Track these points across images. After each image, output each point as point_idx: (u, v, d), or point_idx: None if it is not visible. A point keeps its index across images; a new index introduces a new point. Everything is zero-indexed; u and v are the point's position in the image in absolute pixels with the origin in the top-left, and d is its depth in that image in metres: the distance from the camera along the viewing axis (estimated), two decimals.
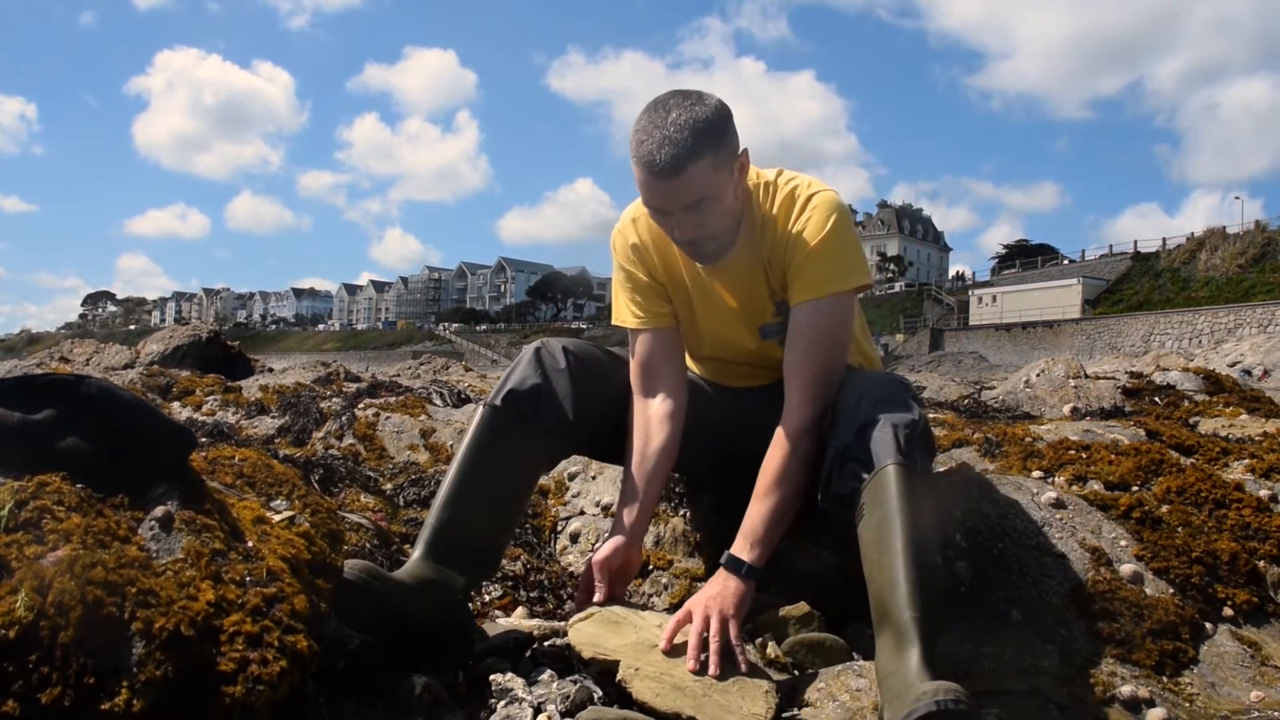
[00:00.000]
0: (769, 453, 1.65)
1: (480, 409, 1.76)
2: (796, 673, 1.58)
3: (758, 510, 1.61)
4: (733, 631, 1.48)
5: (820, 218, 1.68)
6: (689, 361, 1.99)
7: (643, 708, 1.37)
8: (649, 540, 2.10)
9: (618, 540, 1.71)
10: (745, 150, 1.64)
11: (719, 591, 1.53)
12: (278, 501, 1.52)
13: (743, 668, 1.45)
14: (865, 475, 1.49)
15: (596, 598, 1.63)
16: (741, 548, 1.58)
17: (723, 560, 1.58)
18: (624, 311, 1.87)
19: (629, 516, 1.74)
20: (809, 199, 1.70)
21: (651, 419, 1.79)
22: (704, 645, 1.46)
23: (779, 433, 1.65)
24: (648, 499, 1.76)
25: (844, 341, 1.72)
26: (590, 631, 1.52)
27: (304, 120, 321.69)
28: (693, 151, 1.53)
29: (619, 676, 1.41)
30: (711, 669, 1.42)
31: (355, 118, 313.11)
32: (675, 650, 1.47)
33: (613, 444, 1.88)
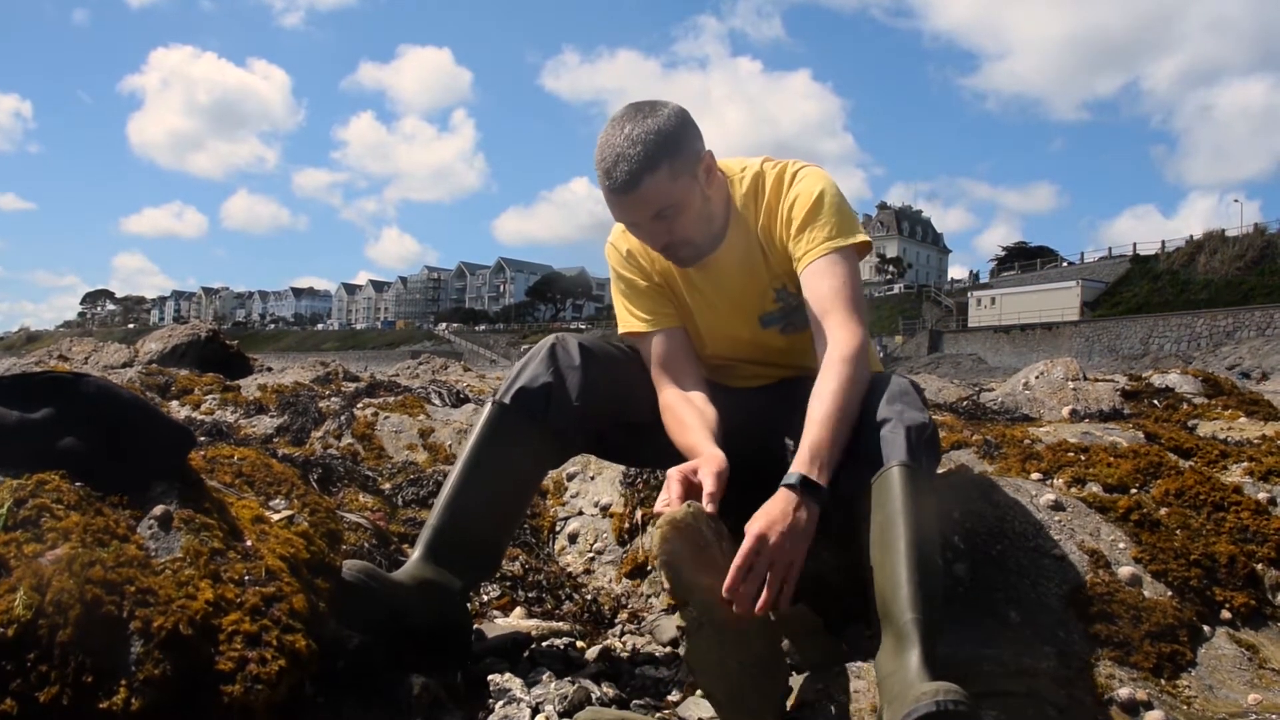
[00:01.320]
0: (820, 379, 1.56)
1: (488, 406, 1.73)
2: (795, 673, 1.58)
3: (821, 431, 1.48)
4: (796, 569, 1.39)
5: (810, 185, 1.70)
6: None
7: (689, 666, 1.33)
8: (648, 541, 2.11)
9: (722, 458, 1.54)
10: (709, 152, 1.65)
11: (791, 522, 1.39)
12: (276, 501, 1.53)
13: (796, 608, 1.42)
14: (871, 474, 1.49)
15: (709, 488, 1.46)
16: (810, 469, 1.44)
17: (788, 481, 1.43)
18: (631, 320, 1.83)
19: (715, 448, 1.58)
20: (795, 174, 1.73)
21: (694, 399, 1.72)
22: (758, 578, 1.35)
23: (828, 360, 1.57)
24: (720, 445, 1.62)
25: (860, 291, 1.67)
26: (678, 548, 1.34)
27: (300, 119, 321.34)
28: (646, 165, 1.54)
29: (680, 621, 1.36)
30: (771, 609, 1.36)
31: (351, 116, 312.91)
32: (744, 593, 1.34)
33: (622, 443, 1.87)
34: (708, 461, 1.52)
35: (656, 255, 1.81)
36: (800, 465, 1.45)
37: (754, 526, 1.38)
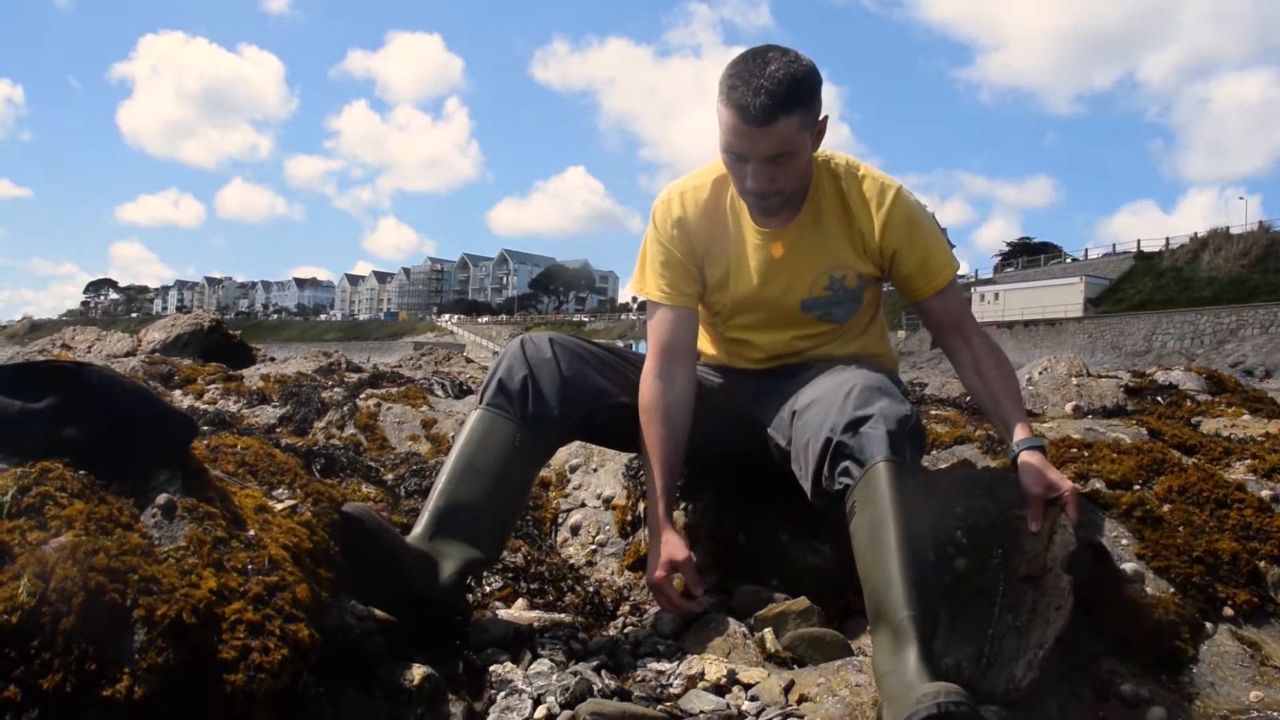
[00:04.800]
0: (989, 368, 1.80)
1: (474, 410, 1.77)
2: (796, 667, 1.58)
3: (1002, 407, 1.77)
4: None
5: (914, 212, 1.79)
6: (704, 345, 2.00)
7: None
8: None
9: (678, 536, 1.76)
10: (826, 117, 1.68)
11: (1045, 467, 1.66)
12: (279, 490, 1.53)
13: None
14: (856, 472, 1.48)
15: (699, 593, 1.73)
16: (1028, 433, 1.72)
17: (1035, 444, 1.69)
18: (650, 284, 1.88)
19: (667, 511, 1.78)
20: (891, 187, 1.79)
21: (674, 406, 1.80)
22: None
23: (988, 355, 1.81)
24: (675, 489, 1.83)
25: (969, 309, 1.93)
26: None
27: (293, 107, 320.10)
28: (785, 106, 1.58)
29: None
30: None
31: (344, 105, 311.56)
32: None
33: (611, 424, 1.87)
34: (685, 566, 1.72)
35: (710, 220, 1.84)
36: (1026, 432, 1.72)
37: (1047, 478, 1.65)
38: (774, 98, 1.56)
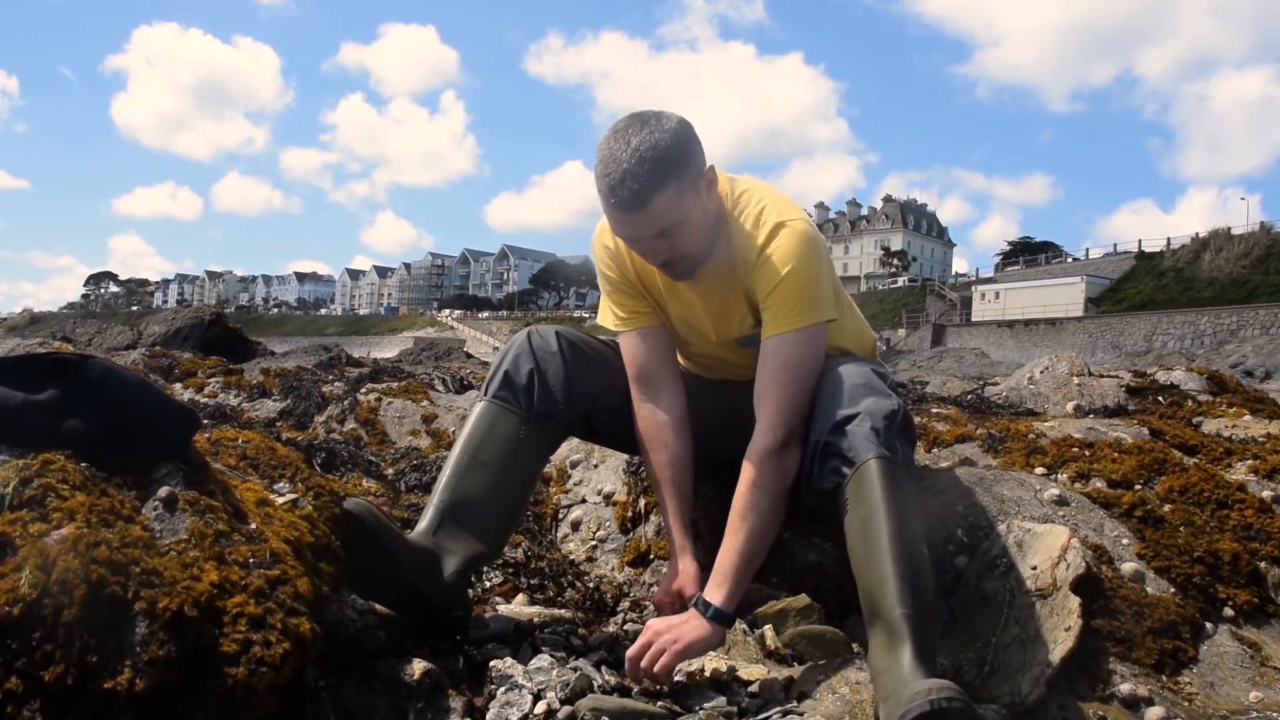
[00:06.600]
0: (738, 486, 1.60)
1: (479, 400, 1.77)
2: (796, 664, 1.58)
3: (727, 546, 1.57)
4: (661, 664, 1.44)
5: (789, 248, 1.62)
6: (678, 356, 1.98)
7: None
8: (650, 530, 2.11)
9: (694, 566, 1.72)
10: (711, 166, 1.60)
11: (680, 624, 1.50)
12: (281, 484, 1.53)
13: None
14: (846, 470, 1.48)
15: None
16: (710, 588, 1.54)
17: (698, 604, 1.53)
18: (607, 315, 1.86)
19: (682, 534, 1.75)
20: (778, 226, 1.64)
21: (664, 426, 1.78)
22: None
23: (745, 462, 1.60)
24: (689, 509, 1.79)
25: (813, 373, 1.64)
26: None
27: (289, 100, 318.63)
28: (655, 184, 1.50)
29: None
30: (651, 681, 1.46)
31: (339, 98, 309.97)
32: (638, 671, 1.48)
33: (609, 426, 1.88)
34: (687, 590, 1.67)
35: (638, 261, 1.78)
36: (711, 592, 1.53)
37: (654, 624, 1.50)
38: (640, 180, 1.48)
